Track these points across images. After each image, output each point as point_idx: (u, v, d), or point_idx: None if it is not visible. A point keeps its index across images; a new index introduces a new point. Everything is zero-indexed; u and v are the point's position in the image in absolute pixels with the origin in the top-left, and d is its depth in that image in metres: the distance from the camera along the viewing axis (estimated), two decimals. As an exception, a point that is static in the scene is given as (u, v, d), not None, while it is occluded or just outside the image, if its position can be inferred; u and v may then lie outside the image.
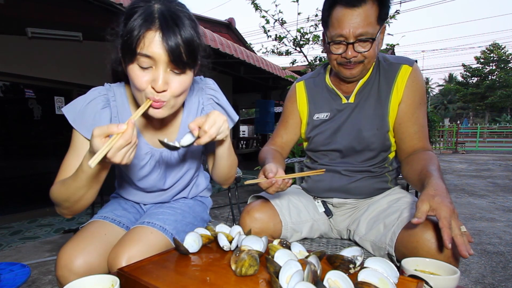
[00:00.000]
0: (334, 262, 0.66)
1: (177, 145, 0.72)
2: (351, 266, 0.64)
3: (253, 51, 6.08)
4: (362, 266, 0.62)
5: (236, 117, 0.99)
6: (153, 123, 0.90)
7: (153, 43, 0.67)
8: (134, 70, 0.70)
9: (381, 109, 1.00)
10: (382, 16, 0.90)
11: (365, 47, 0.92)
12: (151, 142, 0.92)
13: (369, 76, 1.03)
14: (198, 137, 0.72)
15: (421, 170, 0.85)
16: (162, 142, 0.71)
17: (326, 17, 0.95)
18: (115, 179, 1.09)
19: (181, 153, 0.96)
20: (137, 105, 0.84)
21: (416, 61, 1.02)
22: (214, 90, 0.95)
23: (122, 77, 0.89)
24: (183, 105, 0.92)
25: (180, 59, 0.69)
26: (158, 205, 1.02)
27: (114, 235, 0.91)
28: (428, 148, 0.97)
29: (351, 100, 1.05)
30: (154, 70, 0.70)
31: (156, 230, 0.87)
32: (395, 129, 1.01)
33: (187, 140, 0.73)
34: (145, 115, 0.80)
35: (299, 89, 1.17)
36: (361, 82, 1.04)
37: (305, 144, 1.20)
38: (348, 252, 0.69)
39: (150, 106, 0.72)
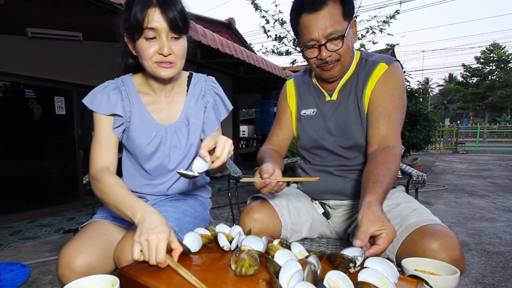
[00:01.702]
0: (334, 261, 0.66)
1: (196, 174, 0.78)
2: (351, 265, 0.63)
3: (253, 51, 6.07)
4: (362, 266, 0.63)
5: (230, 107, 1.11)
6: (160, 101, 1.02)
7: (155, 17, 0.83)
8: (142, 44, 0.86)
9: (359, 104, 1.02)
10: (347, 12, 0.93)
11: (337, 45, 0.94)
12: (157, 118, 1.01)
13: (351, 74, 1.05)
14: (212, 162, 0.78)
15: (369, 176, 0.84)
16: (180, 173, 0.78)
17: (295, 27, 0.99)
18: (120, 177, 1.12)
19: (183, 131, 1.02)
20: (143, 89, 1.01)
21: (398, 60, 1.02)
22: (214, 83, 1.09)
23: (132, 69, 1.02)
24: (187, 89, 1.05)
25: (178, 26, 0.86)
26: (160, 203, 1.03)
27: (114, 235, 0.92)
28: (393, 144, 0.92)
29: (334, 97, 1.07)
30: (158, 40, 0.86)
31: None
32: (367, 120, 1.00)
33: (201, 166, 0.78)
34: (153, 91, 1.00)
35: (289, 86, 1.20)
36: (343, 79, 1.05)
37: (298, 142, 1.21)
38: (349, 252, 0.69)
39: (161, 67, 0.89)
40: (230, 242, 0.80)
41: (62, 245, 0.83)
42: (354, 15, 0.97)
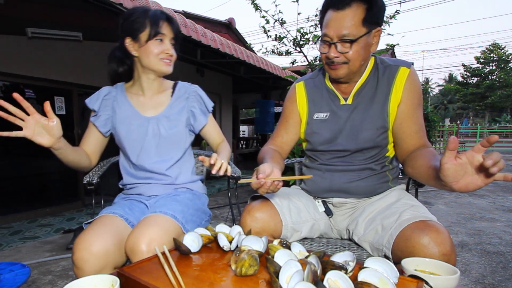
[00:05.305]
0: (324, 268, 0.63)
1: None
2: (342, 272, 0.63)
3: (253, 51, 6.07)
4: (361, 266, 0.62)
5: (210, 107, 1.24)
6: (146, 98, 1.17)
7: (164, 26, 1.07)
8: (154, 45, 1.06)
9: (380, 109, 1.02)
10: (369, 19, 0.92)
11: (346, 48, 0.95)
12: (141, 111, 1.15)
13: (367, 78, 1.05)
14: None
15: (429, 166, 0.85)
16: None
17: (321, 20, 1.01)
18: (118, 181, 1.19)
19: (164, 123, 1.14)
20: (132, 90, 1.18)
21: (412, 63, 1.04)
22: (198, 88, 1.25)
23: (123, 77, 1.17)
24: (173, 89, 1.21)
25: (177, 35, 1.12)
26: (162, 200, 1.08)
27: (124, 229, 0.96)
28: (429, 145, 1.00)
29: (349, 101, 1.07)
30: (163, 42, 1.08)
31: (169, 217, 0.95)
32: (395, 129, 1.03)
33: None
34: (141, 90, 1.16)
35: (299, 89, 1.18)
36: (359, 83, 1.05)
37: (304, 144, 1.20)
38: (340, 257, 0.67)
39: (164, 63, 1.09)
40: (230, 242, 0.80)
41: (62, 245, 0.84)
42: (380, 25, 0.97)
